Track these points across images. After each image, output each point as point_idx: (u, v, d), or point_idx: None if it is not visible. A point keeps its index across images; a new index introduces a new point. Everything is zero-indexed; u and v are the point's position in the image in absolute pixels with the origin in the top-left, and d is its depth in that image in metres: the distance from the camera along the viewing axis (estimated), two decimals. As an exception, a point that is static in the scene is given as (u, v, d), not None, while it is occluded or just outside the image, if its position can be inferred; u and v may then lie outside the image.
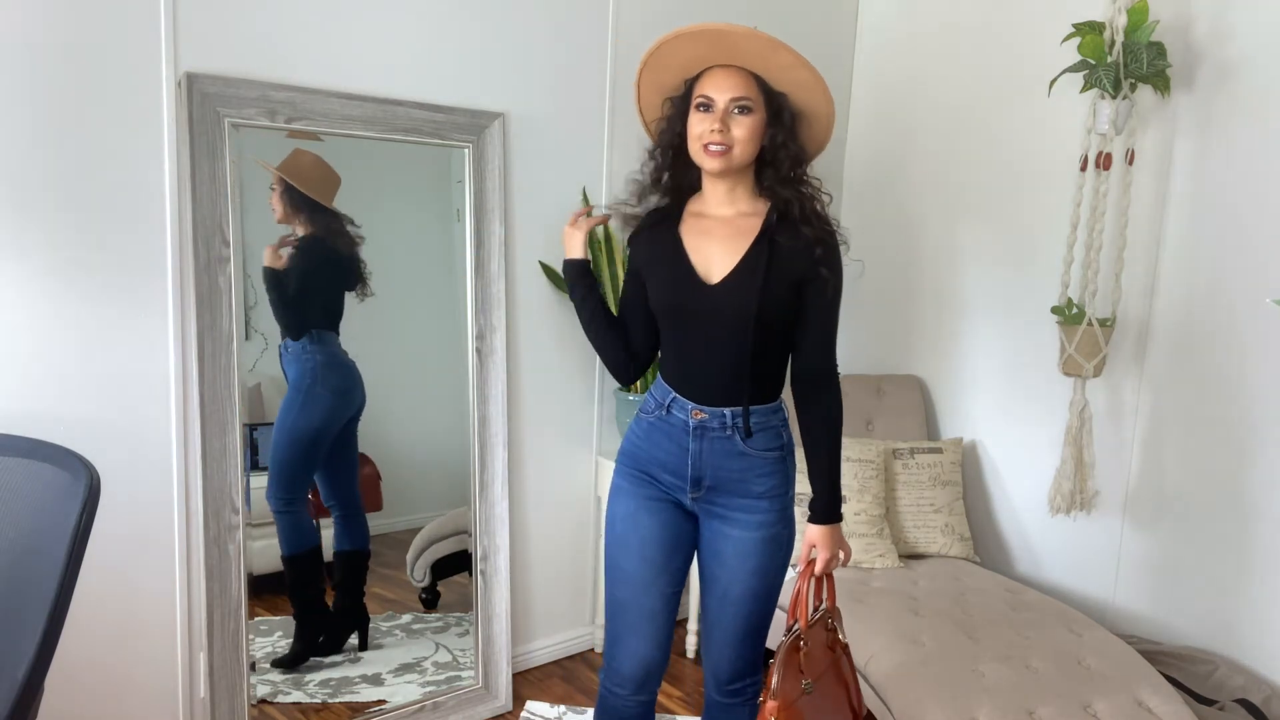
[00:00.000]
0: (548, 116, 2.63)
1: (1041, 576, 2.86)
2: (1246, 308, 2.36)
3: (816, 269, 1.65)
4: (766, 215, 1.69)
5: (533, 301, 2.67)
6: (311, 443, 2.40)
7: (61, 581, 1.14)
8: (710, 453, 1.70)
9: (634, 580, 1.76)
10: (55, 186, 1.92)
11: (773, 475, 1.72)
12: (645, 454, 1.77)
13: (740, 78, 1.63)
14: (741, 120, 1.63)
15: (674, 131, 1.71)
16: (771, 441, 1.72)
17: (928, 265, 3.12)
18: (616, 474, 1.83)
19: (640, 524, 1.76)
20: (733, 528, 1.73)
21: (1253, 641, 2.40)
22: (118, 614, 2.07)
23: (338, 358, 2.39)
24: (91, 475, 1.22)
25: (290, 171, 2.21)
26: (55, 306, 1.95)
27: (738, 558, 1.72)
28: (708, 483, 1.72)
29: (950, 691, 2.04)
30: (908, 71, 3.16)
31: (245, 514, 2.18)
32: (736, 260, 1.66)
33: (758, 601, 1.75)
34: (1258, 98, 2.32)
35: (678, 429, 1.72)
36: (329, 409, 2.40)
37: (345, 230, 2.36)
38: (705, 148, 1.63)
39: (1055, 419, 2.66)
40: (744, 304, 1.63)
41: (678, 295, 1.69)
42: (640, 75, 1.73)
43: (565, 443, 2.82)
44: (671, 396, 1.74)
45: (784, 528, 1.75)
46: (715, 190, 1.72)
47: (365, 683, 2.47)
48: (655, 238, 1.76)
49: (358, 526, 2.49)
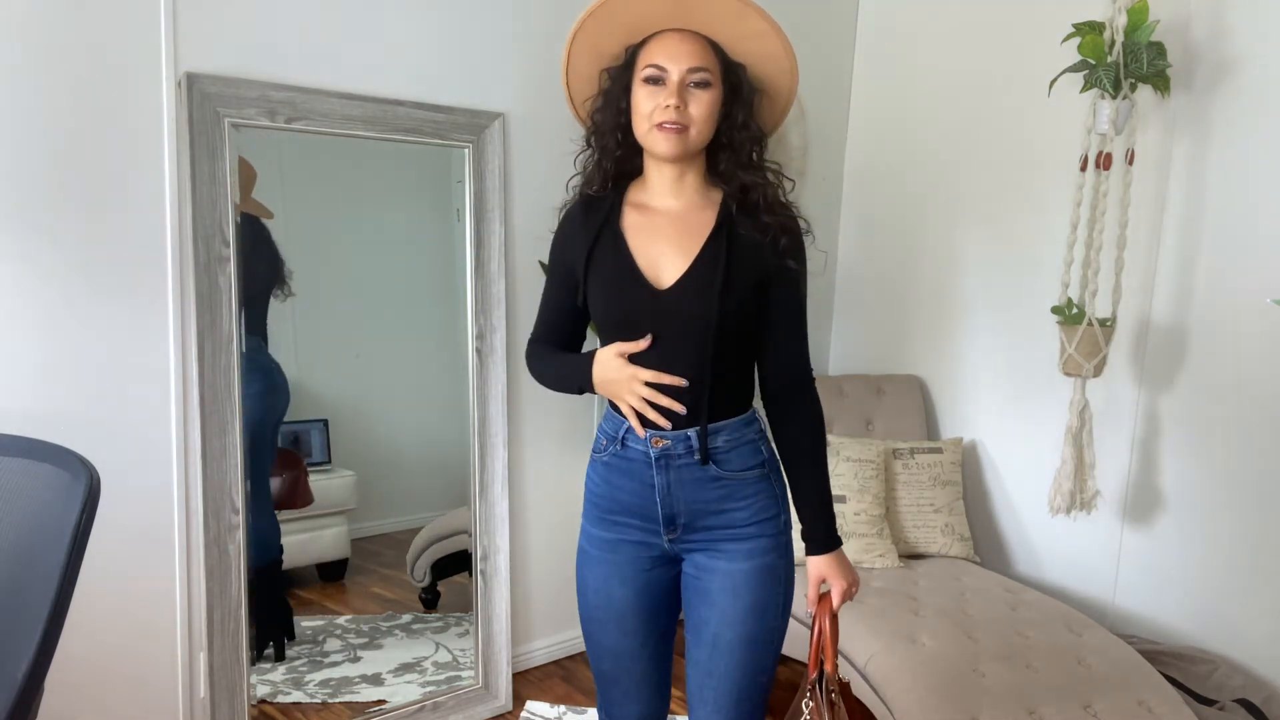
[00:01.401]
0: (548, 116, 2.62)
1: (1041, 576, 2.86)
2: (1246, 308, 2.35)
3: (783, 261, 1.43)
4: (721, 205, 1.46)
5: (533, 301, 2.64)
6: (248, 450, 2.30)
7: (61, 581, 1.14)
8: (680, 484, 1.45)
9: (617, 654, 1.56)
10: (55, 187, 1.92)
11: (757, 497, 1.47)
12: (606, 500, 1.53)
13: (697, 44, 1.39)
14: (700, 95, 1.38)
15: (616, 109, 1.45)
16: (749, 459, 1.47)
17: (928, 265, 3.12)
18: (582, 534, 1.60)
19: (613, 597, 1.53)
20: (719, 559, 1.47)
21: (1253, 641, 2.40)
22: (118, 614, 2.07)
23: (257, 361, 2.26)
24: (91, 475, 1.22)
25: None
26: (55, 306, 1.95)
27: (727, 595, 1.46)
28: (683, 519, 1.47)
29: (950, 691, 2.04)
30: (907, 71, 3.16)
31: (245, 514, 2.18)
32: (690, 260, 1.42)
33: (755, 649, 1.47)
34: (1257, 97, 2.32)
35: (638, 464, 1.47)
36: (257, 410, 2.26)
37: (263, 228, 2.25)
38: (659, 126, 1.38)
39: (1055, 419, 2.66)
40: (703, 310, 1.39)
41: (622, 303, 1.43)
42: (574, 37, 1.45)
43: (565, 443, 2.82)
44: (625, 427, 1.47)
45: (779, 557, 1.48)
46: (661, 177, 1.46)
47: (365, 683, 2.47)
48: (589, 231, 1.48)
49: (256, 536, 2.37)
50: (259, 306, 2.27)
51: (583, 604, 1.58)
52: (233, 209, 2.10)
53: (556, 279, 1.56)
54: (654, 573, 1.52)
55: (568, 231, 1.53)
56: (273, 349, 2.32)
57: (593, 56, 1.47)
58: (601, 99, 1.48)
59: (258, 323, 2.28)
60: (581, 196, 1.53)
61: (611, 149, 1.48)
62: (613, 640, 1.55)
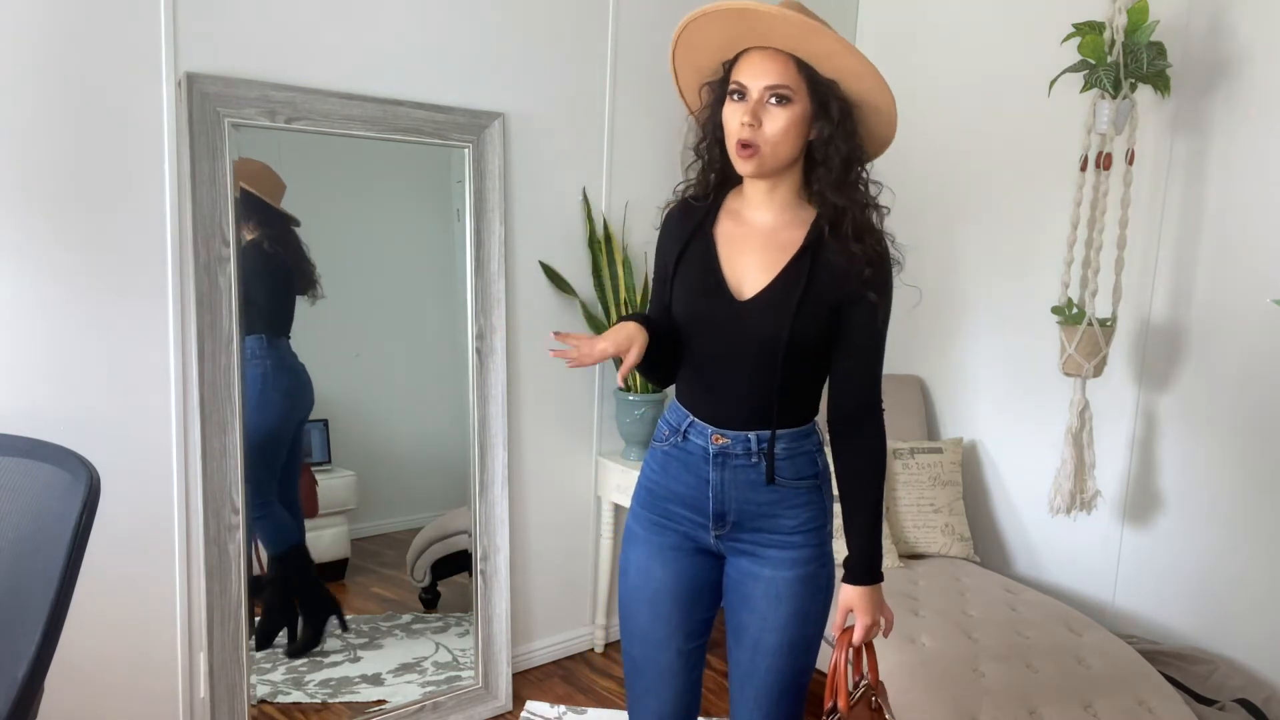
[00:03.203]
0: (548, 116, 2.62)
1: (1041, 576, 2.86)
2: (1246, 308, 2.36)
3: (863, 292, 1.44)
4: (812, 226, 1.47)
5: (533, 301, 2.67)
6: (269, 445, 2.39)
7: (61, 581, 1.14)
8: (733, 484, 1.50)
9: (647, 638, 1.58)
10: (55, 186, 1.92)
11: (806, 507, 1.51)
12: (661, 488, 1.56)
13: (779, 62, 1.40)
14: (776, 113, 1.39)
15: (715, 123, 1.49)
16: (804, 469, 1.51)
17: (928, 265, 3.12)
18: (631, 515, 1.63)
19: (652, 576, 1.56)
20: (763, 567, 1.51)
21: (1253, 641, 2.40)
22: (118, 614, 2.07)
23: (286, 361, 2.37)
24: (91, 475, 1.22)
25: (244, 176, 2.19)
26: (55, 306, 1.95)
27: (770, 601, 1.50)
28: (732, 518, 1.51)
29: (950, 691, 2.04)
30: (907, 72, 3.15)
31: (245, 513, 2.18)
32: (772, 276, 1.45)
33: (795, 655, 1.51)
34: (1257, 97, 2.32)
35: (696, 457, 1.52)
36: (281, 411, 2.40)
37: (294, 233, 2.34)
38: (736, 146, 1.42)
39: (1055, 419, 2.66)
40: (774, 327, 1.43)
41: (702, 307, 1.49)
42: (673, 59, 1.51)
43: (565, 443, 2.82)
44: (689, 421, 1.53)
45: (821, 567, 1.52)
46: (755, 189, 1.50)
47: (365, 683, 2.47)
48: (684, 233, 1.54)
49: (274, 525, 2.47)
50: (289, 309, 2.36)
51: (623, 584, 1.62)
52: (233, 209, 2.10)
53: (658, 277, 1.62)
54: (695, 559, 1.56)
55: (665, 232, 1.59)
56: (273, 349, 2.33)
57: (693, 71, 1.52)
58: (706, 111, 1.52)
59: (287, 324, 2.37)
60: (682, 200, 1.58)
61: (714, 160, 1.53)
62: (645, 621, 1.57)
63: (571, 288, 2.71)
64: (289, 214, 2.31)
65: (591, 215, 2.73)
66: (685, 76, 1.53)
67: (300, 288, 2.37)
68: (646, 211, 2.75)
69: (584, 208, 2.73)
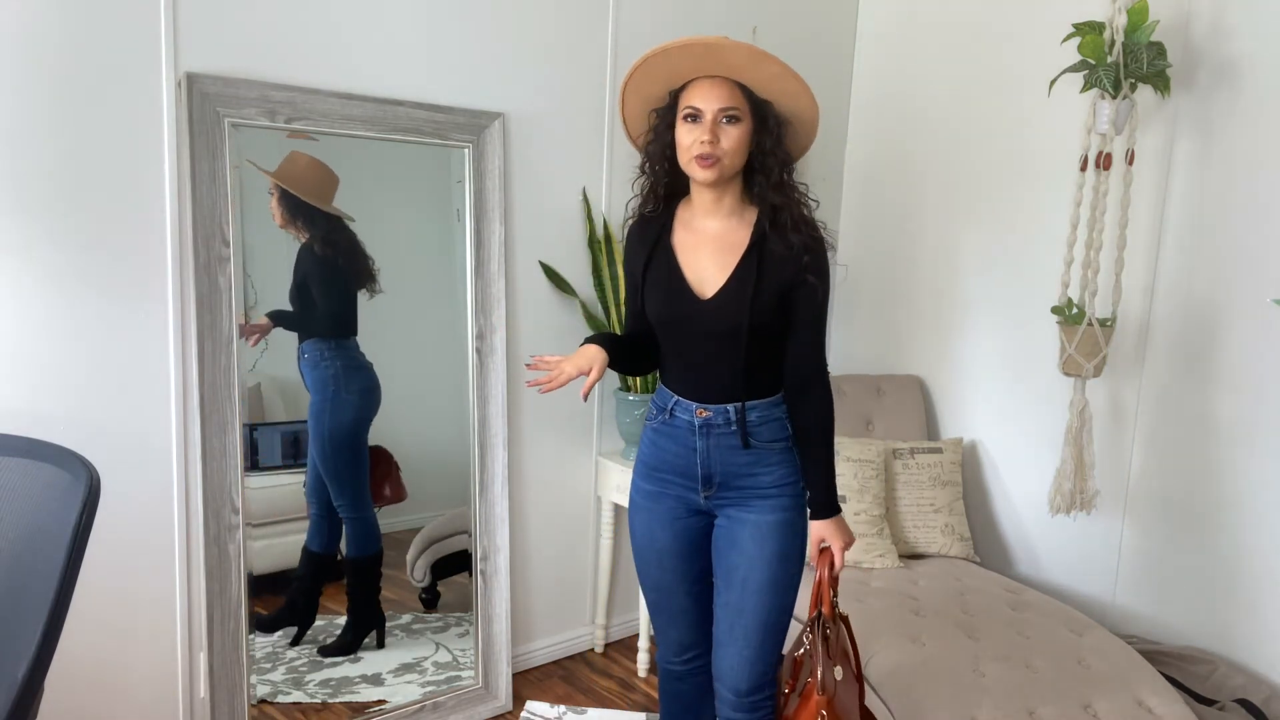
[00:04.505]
0: (548, 116, 2.62)
1: (1041, 576, 2.86)
2: (1246, 308, 2.36)
3: (804, 275, 1.68)
4: (755, 224, 1.71)
5: (533, 301, 2.67)
6: (355, 445, 2.43)
7: (61, 581, 1.14)
8: (717, 449, 1.74)
9: (659, 586, 1.87)
10: (55, 187, 1.92)
11: (781, 465, 1.75)
12: (655, 460, 1.82)
13: (726, 88, 1.64)
14: (730, 130, 1.64)
15: (663, 143, 1.72)
16: (778, 433, 1.75)
17: (928, 265, 3.12)
18: (632, 486, 1.88)
19: (655, 538, 1.83)
20: (749, 513, 1.74)
21: (1253, 641, 2.40)
22: (118, 614, 2.07)
23: (357, 361, 2.41)
24: (91, 475, 1.22)
25: (286, 176, 2.20)
26: (55, 306, 1.95)
27: (756, 542, 1.73)
28: (718, 479, 1.75)
29: (950, 691, 2.04)
30: (907, 71, 3.16)
31: (245, 514, 2.18)
32: (728, 274, 1.69)
33: (778, 592, 1.74)
34: (1257, 97, 2.32)
35: (683, 430, 1.76)
36: (359, 410, 2.43)
37: (346, 230, 2.35)
38: (696, 159, 1.64)
39: (1055, 419, 2.66)
40: (736, 318, 1.67)
41: (672, 310, 1.73)
42: (624, 89, 1.73)
43: (565, 443, 2.82)
44: (674, 400, 1.78)
45: (798, 515, 1.77)
46: (703, 198, 1.73)
47: (365, 683, 2.47)
48: (645, 246, 1.78)
49: (363, 529, 2.49)
50: (350, 308, 2.39)
51: (633, 544, 1.89)
52: (233, 209, 2.10)
53: (629, 285, 1.86)
54: (690, 520, 1.81)
55: (629, 247, 1.83)
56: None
57: (641, 100, 1.74)
58: (652, 134, 1.75)
59: (352, 324, 2.39)
60: (639, 216, 1.82)
61: (661, 175, 1.76)
62: (656, 575, 1.86)
63: (571, 288, 2.71)
64: (337, 211, 2.32)
65: (591, 215, 2.73)
66: (632, 104, 1.75)
67: (358, 284, 2.38)
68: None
69: (584, 208, 2.73)
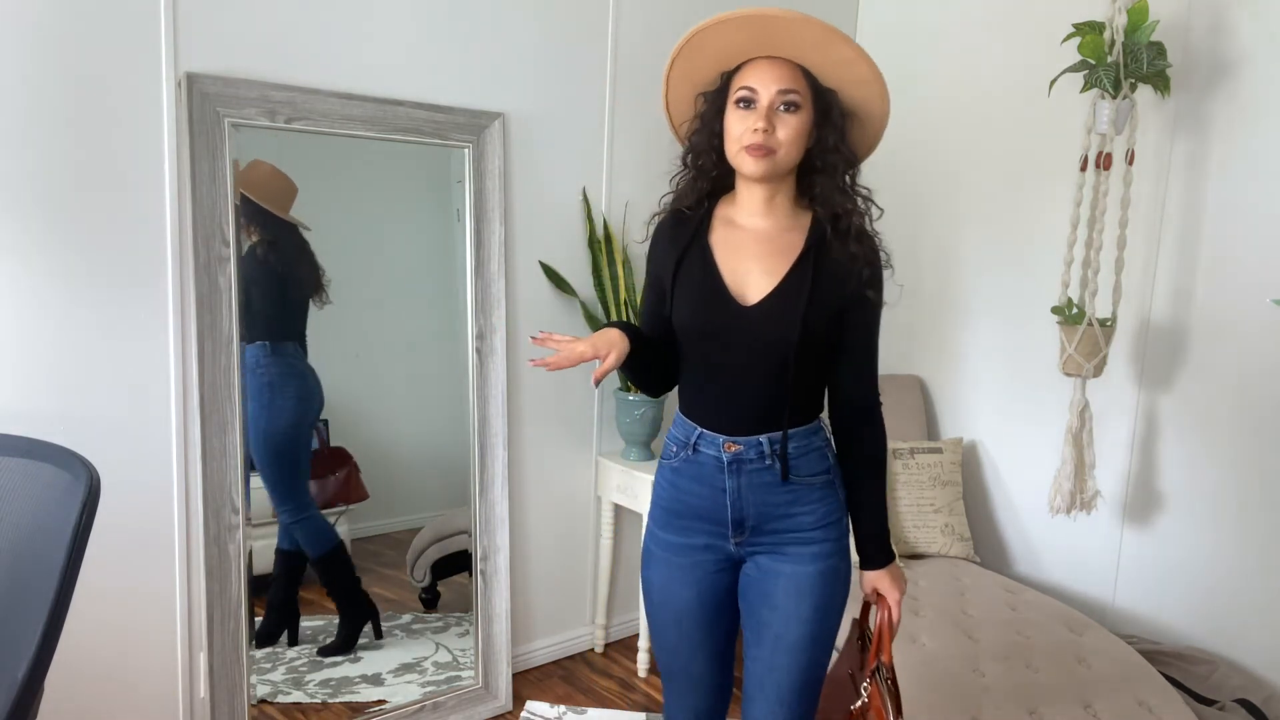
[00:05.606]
0: (548, 116, 2.62)
1: (1041, 576, 2.86)
2: (1246, 308, 2.35)
3: (863, 292, 1.48)
4: (811, 229, 1.49)
5: (533, 301, 2.67)
6: (294, 450, 2.41)
7: (61, 581, 1.14)
8: (750, 488, 1.50)
9: (677, 651, 1.60)
10: (55, 187, 1.92)
11: (822, 503, 1.52)
12: (676, 503, 1.56)
13: (787, 69, 1.42)
14: (787, 119, 1.42)
15: (711, 131, 1.50)
16: (816, 465, 1.52)
17: (928, 265, 3.12)
18: (647, 535, 1.63)
19: (674, 596, 1.57)
20: (784, 563, 1.51)
21: (1253, 641, 2.40)
22: (118, 614, 2.07)
23: (294, 368, 2.37)
24: (91, 475, 1.22)
25: (246, 183, 2.18)
26: (55, 306, 1.95)
27: (791, 597, 1.49)
28: (751, 523, 1.51)
29: (950, 691, 2.04)
30: (907, 71, 3.15)
31: (245, 513, 2.18)
32: (777, 281, 1.46)
33: (816, 648, 1.51)
34: (1257, 97, 2.32)
35: (709, 468, 1.51)
36: (296, 416, 2.41)
37: (297, 238, 2.32)
38: (747, 149, 1.42)
39: (1055, 419, 2.66)
40: (783, 329, 1.44)
41: (707, 317, 1.48)
42: (671, 65, 1.50)
43: (565, 443, 2.82)
44: (697, 433, 1.52)
45: (841, 560, 1.53)
46: (752, 196, 1.50)
47: (365, 683, 2.47)
48: (678, 244, 1.53)
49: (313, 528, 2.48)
50: (300, 314, 2.36)
51: (647, 602, 1.63)
52: (233, 209, 2.10)
53: (651, 288, 1.61)
54: (718, 576, 1.56)
55: (658, 244, 1.58)
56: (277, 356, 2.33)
57: (688, 83, 1.52)
58: (698, 121, 1.52)
59: (298, 329, 2.37)
60: (672, 211, 1.58)
61: (708, 169, 1.53)
62: (673, 639, 1.59)
63: (571, 288, 2.71)
64: (292, 219, 2.30)
65: (591, 215, 2.73)
66: (677, 86, 1.53)
67: (303, 292, 2.35)
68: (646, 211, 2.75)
69: (584, 208, 2.73)
